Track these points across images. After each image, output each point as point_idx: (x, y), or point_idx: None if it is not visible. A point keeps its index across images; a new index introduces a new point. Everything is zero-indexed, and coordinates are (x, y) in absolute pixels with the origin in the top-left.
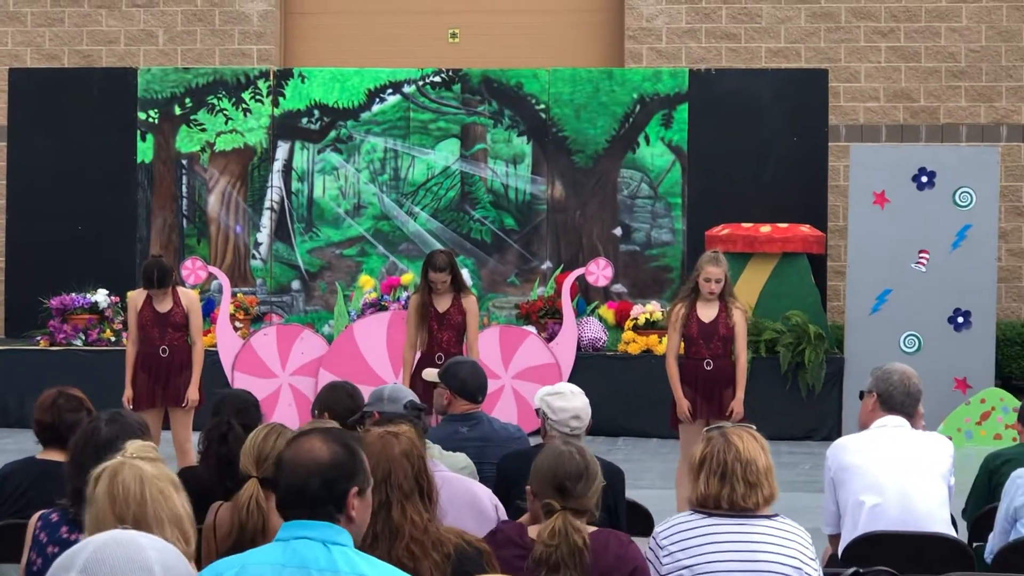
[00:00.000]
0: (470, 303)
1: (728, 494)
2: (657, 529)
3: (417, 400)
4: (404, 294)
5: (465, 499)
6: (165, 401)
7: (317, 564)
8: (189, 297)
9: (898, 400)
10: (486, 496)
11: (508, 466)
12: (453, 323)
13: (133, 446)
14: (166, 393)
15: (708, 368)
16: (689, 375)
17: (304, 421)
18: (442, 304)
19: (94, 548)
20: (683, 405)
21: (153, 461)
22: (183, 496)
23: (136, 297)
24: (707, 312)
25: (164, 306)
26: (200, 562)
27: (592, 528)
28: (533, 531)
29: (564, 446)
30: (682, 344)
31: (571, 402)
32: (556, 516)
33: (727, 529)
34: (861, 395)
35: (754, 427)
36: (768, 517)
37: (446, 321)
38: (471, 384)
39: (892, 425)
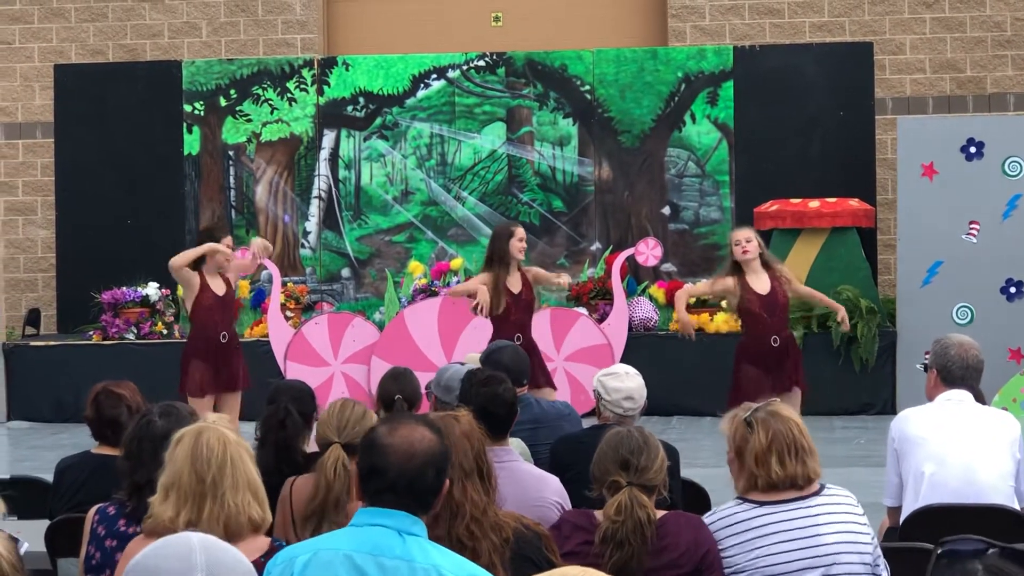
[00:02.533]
0: (530, 271)
1: (802, 471)
2: (706, 519)
3: None
4: (454, 279)
5: (533, 496)
6: (219, 387)
7: (391, 552)
8: (233, 277)
9: (957, 374)
10: (553, 499)
11: (561, 449)
12: (527, 302)
13: (212, 416)
14: (220, 378)
15: (775, 344)
16: (754, 354)
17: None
18: (515, 284)
19: (202, 548)
20: (685, 320)
21: (231, 431)
22: (255, 468)
23: (192, 278)
24: (760, 284)
25: (221, 288)
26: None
27: (663, 512)
28: (600, 516)
29: (623, 428)
30: (739, 321)
31: (625, 383)
32: (622, 491)
33: (782, 517)
34: (925, 368)
35: (777, 399)
36: (817, 493)
37: (522, 301)
38: (514, 368)
39: (956, 399)
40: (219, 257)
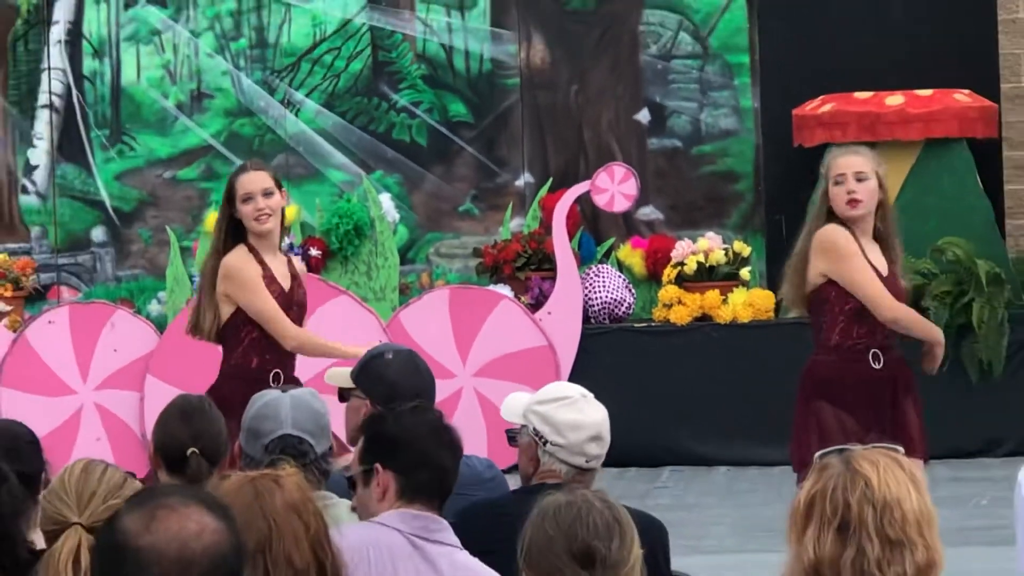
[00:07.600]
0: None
1: (853, 560)
2: None
3: (300, 435)
4: (286, 241)
5: None
6: None
7: None
8: None
9: None
10: None
11: (472, 523)
12: (301, 304)
13: None
14: None
15: (876, 367)
16: (842, 380)
17: (126, 465)
18: (279, 267)
19: None
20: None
21: None
22: None
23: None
24: (874, 258)
25: None
26: None
27: None
28: None
29: (571, 495)
30: (813, 321)
31: (587, 414)
32: None
33: None
34: None
35: (901, 449)
36: None
37: (295, 302)
38: (406, 388)
39: None
40: None
